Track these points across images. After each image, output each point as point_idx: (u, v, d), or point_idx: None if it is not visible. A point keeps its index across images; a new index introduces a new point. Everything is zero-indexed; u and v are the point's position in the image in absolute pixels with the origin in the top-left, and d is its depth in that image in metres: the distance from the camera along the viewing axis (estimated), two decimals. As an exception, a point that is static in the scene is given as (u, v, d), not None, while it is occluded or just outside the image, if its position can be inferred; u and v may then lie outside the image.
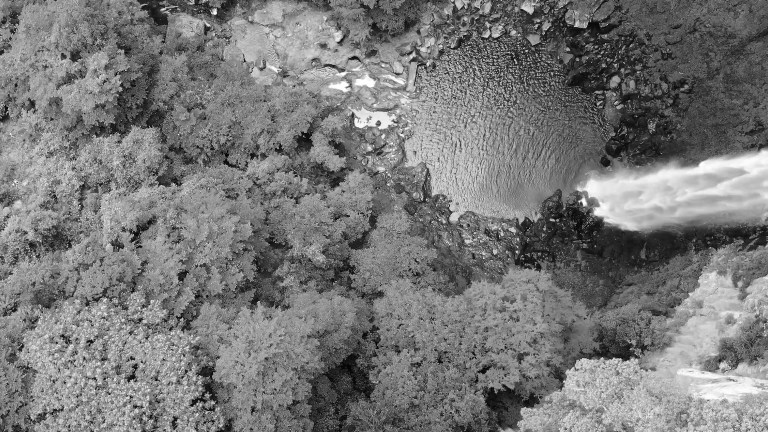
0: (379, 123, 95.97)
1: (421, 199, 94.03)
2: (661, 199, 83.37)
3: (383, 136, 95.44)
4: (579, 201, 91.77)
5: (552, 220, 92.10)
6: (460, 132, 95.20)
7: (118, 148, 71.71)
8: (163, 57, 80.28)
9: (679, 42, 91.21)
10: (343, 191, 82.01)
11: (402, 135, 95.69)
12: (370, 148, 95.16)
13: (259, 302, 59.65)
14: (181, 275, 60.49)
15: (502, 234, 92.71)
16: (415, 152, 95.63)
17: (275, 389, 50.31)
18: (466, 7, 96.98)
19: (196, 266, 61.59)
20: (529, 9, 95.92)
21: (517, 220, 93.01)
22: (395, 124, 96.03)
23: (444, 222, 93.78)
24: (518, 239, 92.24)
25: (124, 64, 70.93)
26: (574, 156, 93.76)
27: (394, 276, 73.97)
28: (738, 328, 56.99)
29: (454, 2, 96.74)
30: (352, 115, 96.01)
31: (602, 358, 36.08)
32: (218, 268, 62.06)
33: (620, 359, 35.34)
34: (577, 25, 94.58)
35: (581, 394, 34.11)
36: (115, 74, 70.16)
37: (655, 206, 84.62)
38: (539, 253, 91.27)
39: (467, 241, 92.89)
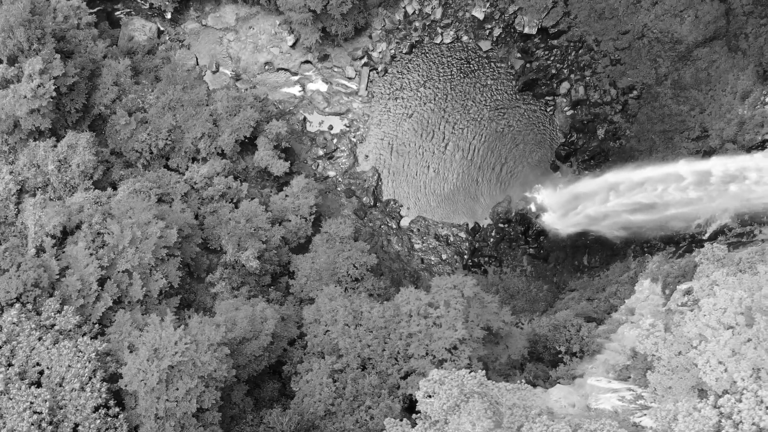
0: (331, 127, 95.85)
1: (372, 203, 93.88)
2: (599, 206, 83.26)
3: (335, 141, 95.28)
4: (528, 207, 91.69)
5: (501, 225, 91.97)
6: (411, 137, 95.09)
7: (53, 152, 71.88)
8: (105, 61, 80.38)
9: (628, 48, 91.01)
10: (287, 196, 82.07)
11: (354, 139, 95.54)
12: (321, 153, 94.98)
13: (168, 309, 59.70)
14: (102, 281, 60.55)
15: (451, 239, 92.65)
16: (366, 157, 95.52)
17: (178, 397, 50.37)
18: (417, 12, 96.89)
19: (118, 272, 61.66)
20: (479, 15, 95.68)
21: (467, 225, 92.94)
22: (347, 129, 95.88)
23: (394, 227, 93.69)
24: (467, 244, 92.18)
25: (59, 68, 71.17)
26: (524, 161, 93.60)
27: (332, 281, 73.85)
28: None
29: (405, 7, 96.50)
30: (304, 119, 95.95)
31: (453, 369, 36.10)
32: (140, 274, 62.09)
33: (468, 370, 35.35)
34: (526, 30, 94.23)
35: (429, 405, 34.18)
36: (50, 79, 70.37)
37: (593, 213, 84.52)
38: (487, 258, 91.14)
39: (417, 246, 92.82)
